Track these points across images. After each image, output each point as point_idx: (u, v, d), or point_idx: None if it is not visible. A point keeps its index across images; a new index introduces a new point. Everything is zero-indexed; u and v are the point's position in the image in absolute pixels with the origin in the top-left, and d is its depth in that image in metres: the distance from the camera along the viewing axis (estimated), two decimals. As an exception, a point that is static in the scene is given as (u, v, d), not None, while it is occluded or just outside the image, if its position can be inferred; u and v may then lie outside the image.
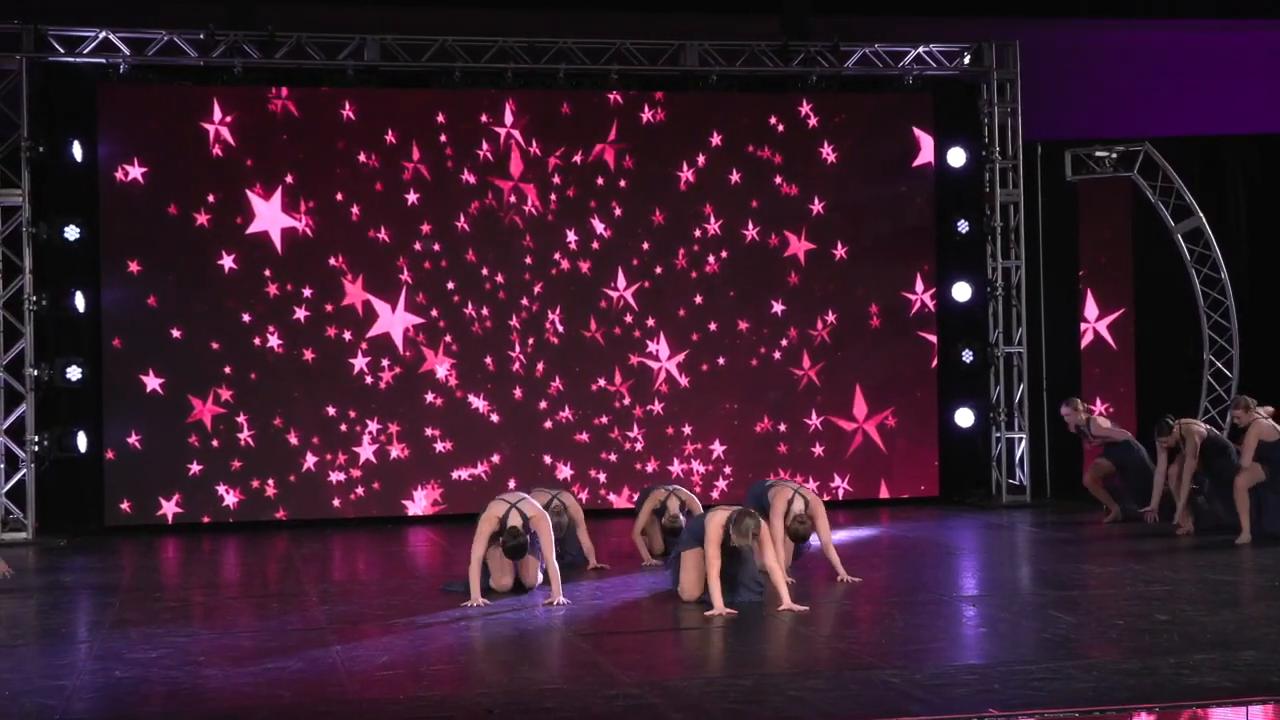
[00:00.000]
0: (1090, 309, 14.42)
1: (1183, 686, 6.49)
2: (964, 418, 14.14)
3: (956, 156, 14.14)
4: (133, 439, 12.75)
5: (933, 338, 14.13)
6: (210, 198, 12.90)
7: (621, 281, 13.58)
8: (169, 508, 12.79)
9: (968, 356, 14.10)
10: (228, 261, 12.92)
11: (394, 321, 13.21)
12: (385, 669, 7.21)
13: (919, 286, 14.07)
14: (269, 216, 12.98)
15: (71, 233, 12.30)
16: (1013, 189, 14.12)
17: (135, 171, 12.76)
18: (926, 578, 9.98)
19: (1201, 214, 13.85)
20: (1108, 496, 12.71)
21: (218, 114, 12.88)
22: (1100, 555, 10.82)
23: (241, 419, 12.93)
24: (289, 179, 13.03)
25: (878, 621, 8.35)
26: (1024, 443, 14.20)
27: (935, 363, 14.14)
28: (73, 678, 7.06)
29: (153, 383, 12.78)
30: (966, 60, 14.07)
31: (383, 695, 6.63)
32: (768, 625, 8.15)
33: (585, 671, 7.09)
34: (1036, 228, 14.46)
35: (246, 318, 12.96)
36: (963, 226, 14.05)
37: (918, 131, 14.07)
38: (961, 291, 14.14)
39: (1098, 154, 14.10)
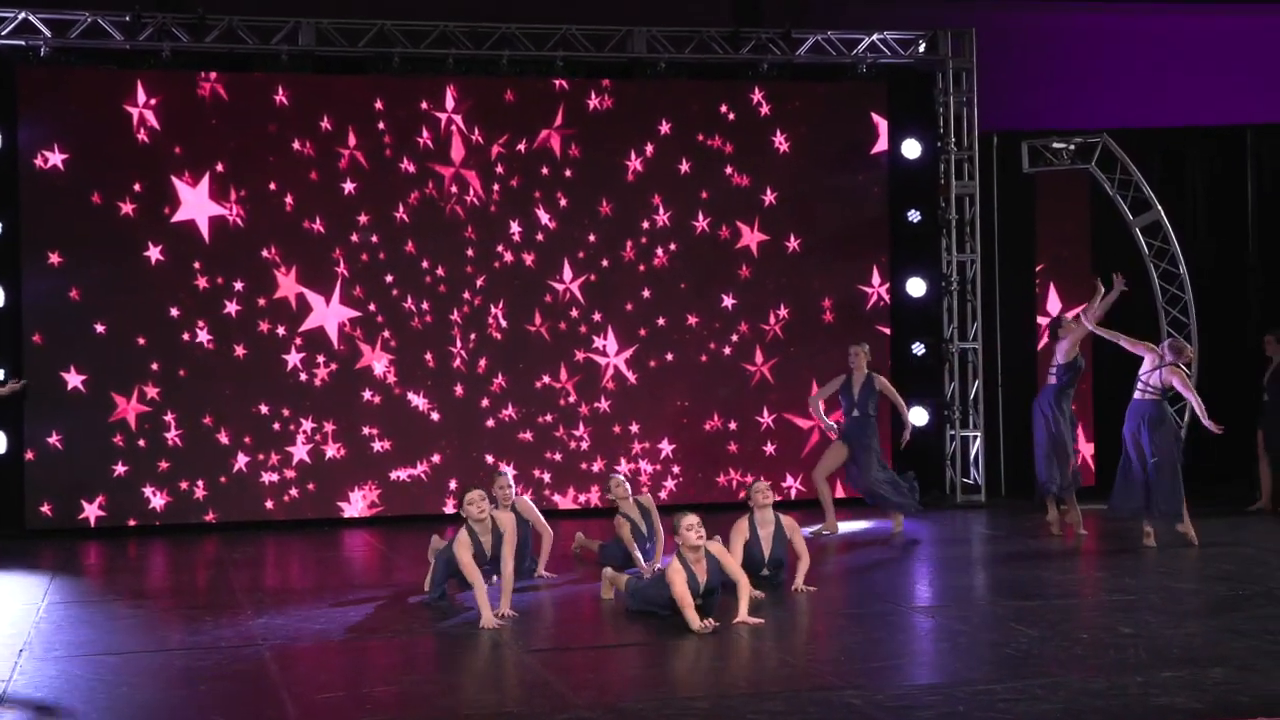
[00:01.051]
0: (1053, 303, 14.45)
1: (1152, 707, 6.50)
2: (917, 416, 14.13)
3: (911, 148, 14.14)
4: (53, 439, 12.51)
5: (888, 332, 14.14)
6: (136, 186, 12.66)
7: (567, 274, 13.48)
8: (91, 510, 12.57)
9: (920, 351, 14.13)
10: (154, 253, 12.70)
11: (328, 315, 13.04)
12: (326, 689, 7.08)
13: (875, 279, 14.06)
14: (195, 204, 12.76)
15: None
16: (968, 181, 14.16)
17: (55, 158, 12.50)
18: (881, 586, 9.97)
19: (1160, 208, 13.91)
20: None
21: (142, 97, 12.64)
22: (1058, 560, 10.86)
23: (169, 418, 12.73)
24: (219, 167, 12.81)
25: (833, 636, 8.33)
26: (979, 441, 14.27)
27: (890, 359, 14.15)
28: (-5, 702, 6.88)
29: (74, 380, 12.54)
30: (922, 48, 14.06)
31: (324, 722, 6.51)
32: (722, 640, 8.09)
33: (535, 693, 7.00)
34: (992, 220, 14.48)
35: (174, 312, 12.75)
36: (917, 219, 14.08)
37: (872, 120, 14.05)
38: (915, 286, 14.17)
39: (1055, 145, 14.09)
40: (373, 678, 7.44)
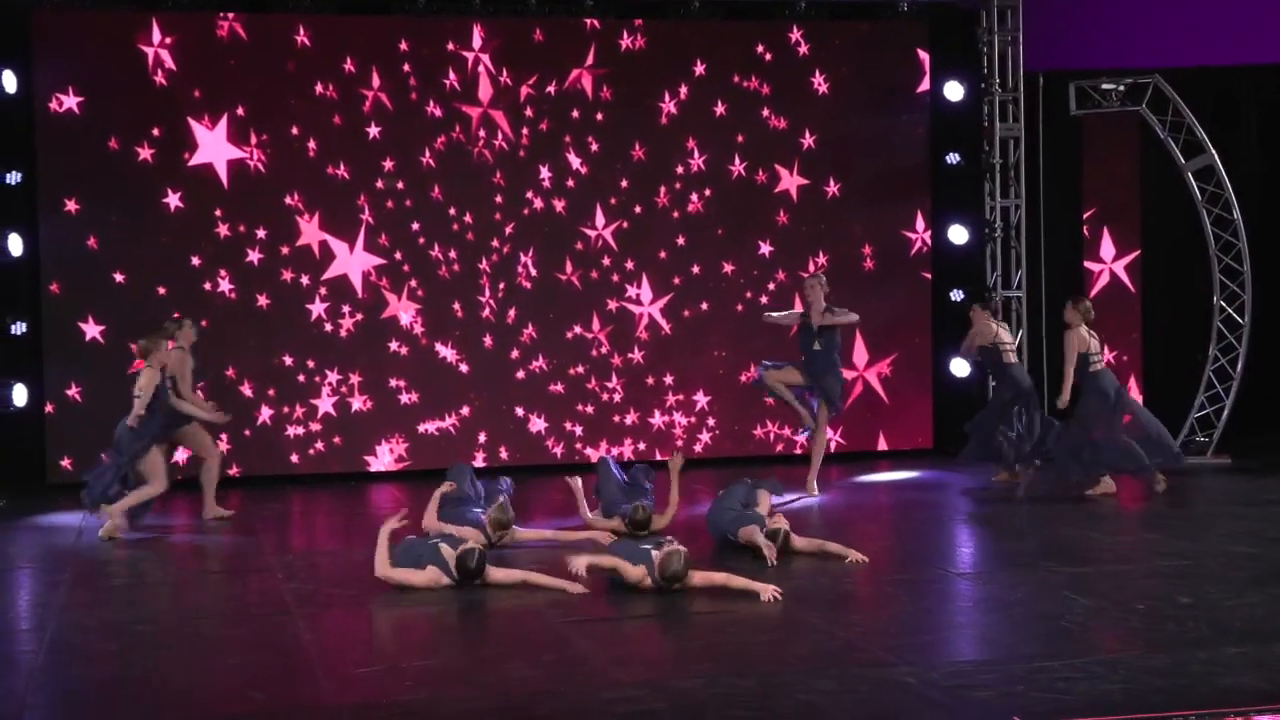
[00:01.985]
0: (1107, 248, 14.26)
1: (1217, 689, 6.43)
2: (960, 366, 14.05)
3: (954, 90, 13.97)
4: (72, 391, 12.49)
5: (929, 279, 14.06)
6: (155, 131, 12.57)
7: (599, 221, 13.37)
8: (113, 464, 12.56)
9: (961, 299, 13.98)
10: (173, 199, 12.64)
11: (352, 262, 12.97)
12: (362, 663, 7.06)
13: (919, 225, 13.93)
14: (213, 147, 12.68)
15: (12, 177, 12.02)
16: (1013, 123, 13.99)
17: (70, 101, 12.40)
18: (924, 549, 9.93)
19: (1214, 151, 13.70)
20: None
21: (158, 37, 12.53)
22: (1107, 521, 10.79)
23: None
24: (239, 111, 12.70)
25: (881, 605, 8.26)
26: (1023, 391, 14.14)
27: (931, 308, 14.05)
28: (24, 679, 6.87)
29: (92, 330, 12.50)
30: (966, -16, 13.86)
31: (363, 699, 6.48)
32: (767, 609, 8.04)
33: (578, 668, 6.96)
34: (1037, 165, 14.30)
35: (195, 261, 12.69)
36: (960, 163, 13.91)
37: (917, 57, 13.88)
38: (957, 233, 14.03)
39: (1104, 86, 13.86)
40: (409, 650, 7.42)
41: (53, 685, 6.82)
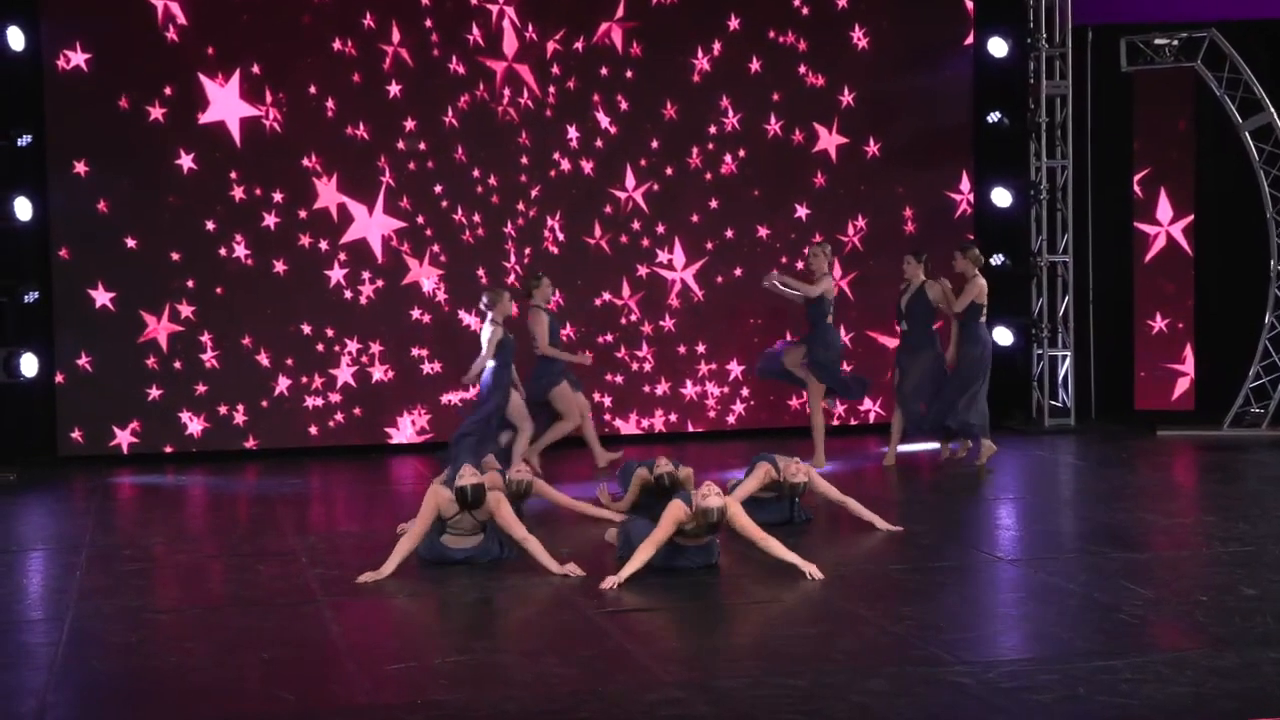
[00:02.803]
0: (1164, 210, 14.10)
1: (1290, 693, 6.35)
2: (1001, 334, 13.94)
3: (998, 46, 13.81)
4: (82, 360, 12.45)
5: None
6: (167, 90, 12.46)
7: (629, 183, 13.26)
8: (124, 437, 12.55)
9: (1006, 266, 13.86)
10: (186, 161, 12.54)
11: (370, 225, 12.88)
12: (395, 658, 7.01)
13: (964, 186, 13.82)
14: (225, 104, 12.57)
15: (23, 140, 11.97)
16: (1060, 80, 13.87)
17: (78, 58, 12.30)
18: (969, 529, 9.87)
19: (1273, 109, 13.52)
20: None
21: (168, -13, 12.44)
22: (1161, 501, 10.72)
23: (205, 338, 12.65)
24: (254, 69, 12.60)
25: (928, 595, 8.17)
26: (1068, 360, 14.07)
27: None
28: (44, 673, 6.83)
29: (102, 298, 12.45)
30: (1011, -66, 13.69)
31: (399, 700, 6.43)
32: (812, 603, 7.98)
33: (617, 666, 6.90)
34: (1085, 124, 14.19)
35: (210, 225, 12.61)
36: (998, 120, 13.76)
37: (959, 14, 13.73)
38: (1000, 195, 13.90)
39: (1157, 41, 13.69)
40: (443, 644, 7.37)
41: (74, 680, 6.78)
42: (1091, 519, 10.19)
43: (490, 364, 11.20)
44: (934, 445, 12.60)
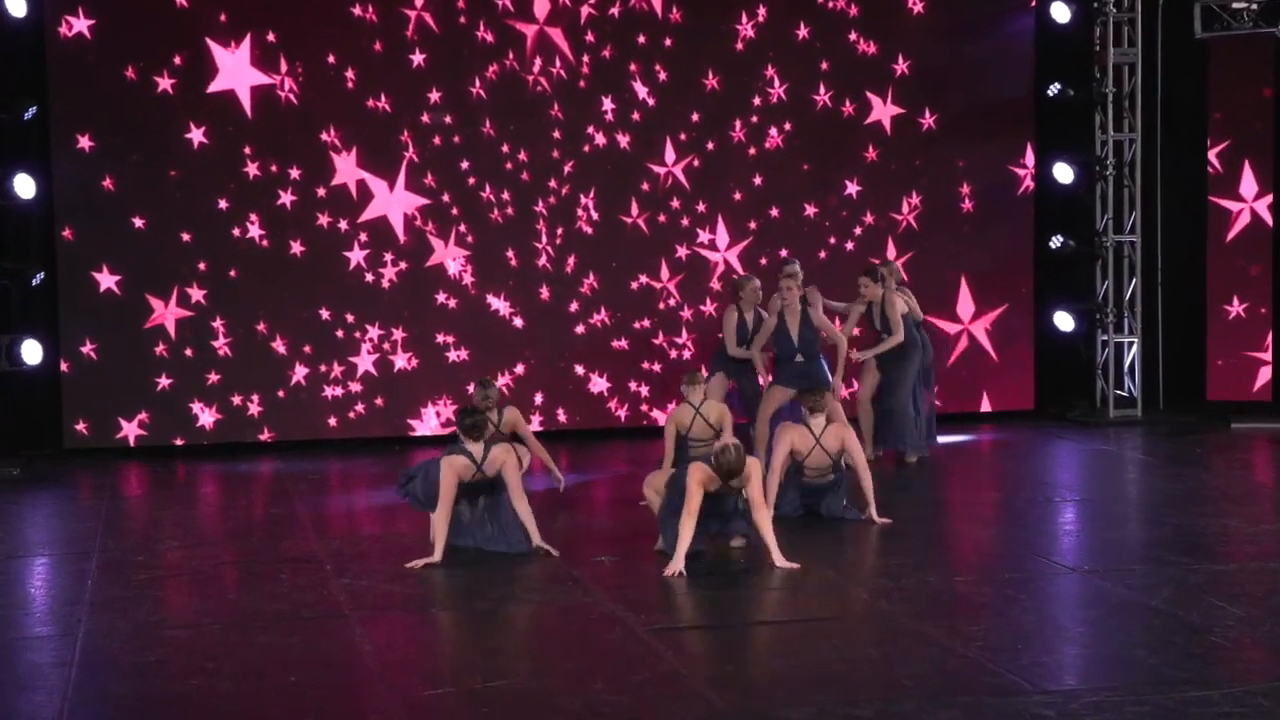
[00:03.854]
0: (1248, 185, 13.87)
1: (1403, 729, 6.18)
2: (1063, 319, 13.80)
3: (1061, 10, 13.65)
4: (87, 348, 12.36)
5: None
6: (176, 60, 12.35)
7: (669, 158, 13.15)
8: (130, 429, 12.48)
9: (1067, 246, 13.69)
10: (197, 135, 12.44)
11: (391, 203, 12.77)
12: (432, 682, 6.89)
13: (1028, 160, 13.71)
14: (234, 71, 12.45)
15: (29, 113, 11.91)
16: (1128, 48, 13.71)
17: (81, 24, 12.19)
18: (1034, 534, 9.73)
19: (1361, 79, 13.35)
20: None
21: (176, -51, 12.31)
22: (1243, 504, 10.53)
23: (218, 324, 12.57)
24: (270, 36, 12.48)
25: (998, 610, 8.01)
26: (1135, 347, 13.94)
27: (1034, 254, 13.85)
28: (58, 699, 6.72)
29: (107, 281, 12.35)
30: (1076, -110, 13.49)
31: (439, 732, 6.32)
32: (874, 618, 7.85)
33: (669, 690, 6.77)
34: (1155, 94, 14.01)
35: (223, 204, 12.51)
36: (1058, 92, 13.62)
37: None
38: (1063, 171, 13.74)
39: (1235, 5, 13.52)
40: (483, 665, 7.23)
41: (91, 708, 6.66)
42: (1167, 524, 9.98)
43: None
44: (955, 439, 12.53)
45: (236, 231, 12.55)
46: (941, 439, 12.53)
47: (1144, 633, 7.57)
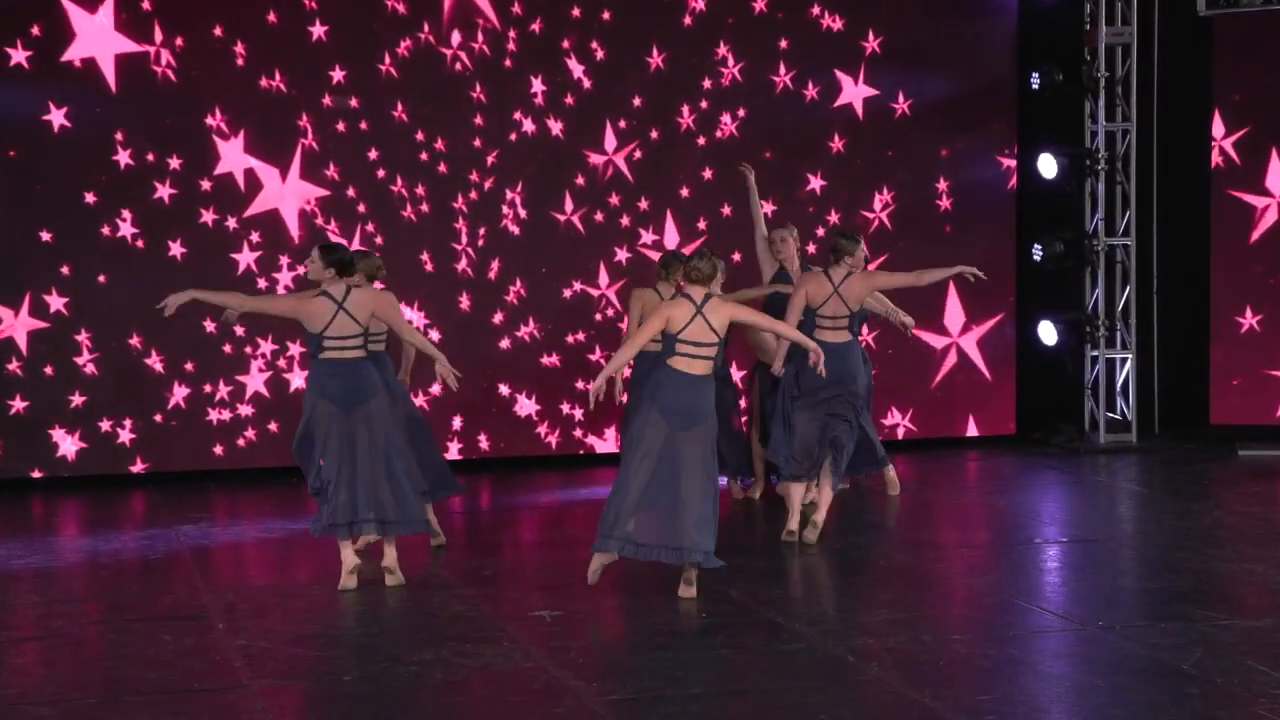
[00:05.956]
0: (1274, 176, 13.81)
1: None
2: (1047, 332, 13.83)
3: (1046, -16, 13.80)
4: (-74, 365, 12.01)
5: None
6: (33, 29, 12.06)
7: (608, 146, 13.11)
8: (-22, 460, 12.22)
9: (1052, 253, 13.67)
10: (57, 117, 12.12)
11: (284, 194, 12.60)
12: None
13: (1011, 153, 13.88)
14: (95, 36, 12.16)
15: None
16: (1122, 27, 13.83)
17: (-86, -13, 11.88)
18: (1030, 581, 9.64)
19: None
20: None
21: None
22: (1261, 542, 10.40)
23: (82, 337, 12.29)
24: (144, 4, 12.22)
25: (1000, 674, 7.74)
26: (1129, 364, 14.00)
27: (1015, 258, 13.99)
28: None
29: (-55, 287, 12.08)
30: None
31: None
32: (857, 684, 7.50)
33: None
34: (1152, 79, 14.10)
35: (89, 197, 12.23)
36: (1053, 77, 13.67)
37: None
38: (1047, 164, 13.85)
39: (1243, -21, 13.60)
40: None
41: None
42: (1182, 569, 9.82)
43: None
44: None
45: (106, 229, 12.27)
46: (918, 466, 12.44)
47: (1176, 704, 7.26)
